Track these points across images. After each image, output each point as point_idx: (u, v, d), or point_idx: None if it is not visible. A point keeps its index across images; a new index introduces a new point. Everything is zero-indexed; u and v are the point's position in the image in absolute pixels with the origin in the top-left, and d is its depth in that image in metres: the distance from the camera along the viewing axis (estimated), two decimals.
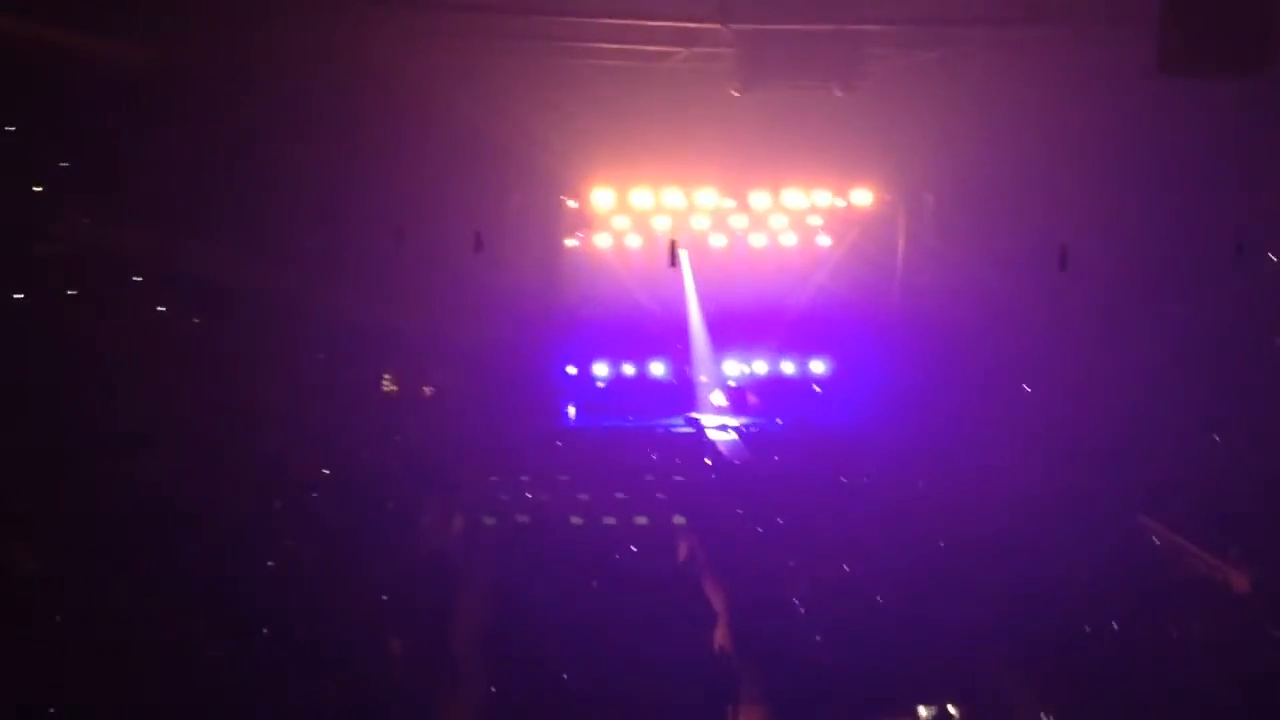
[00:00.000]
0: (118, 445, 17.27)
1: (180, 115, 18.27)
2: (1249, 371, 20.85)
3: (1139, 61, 13.04)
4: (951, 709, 13.59)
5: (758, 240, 27.45)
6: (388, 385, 25.08)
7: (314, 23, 16.72)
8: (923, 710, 13.59)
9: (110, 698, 12.18)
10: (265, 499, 18.10)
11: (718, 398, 28.20)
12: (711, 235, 27.13)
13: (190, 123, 18.45)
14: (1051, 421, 22.69)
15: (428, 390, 25.54)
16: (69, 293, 18.88)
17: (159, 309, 20.93)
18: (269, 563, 16.14)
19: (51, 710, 11.99)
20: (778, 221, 27.19)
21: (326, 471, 20.00)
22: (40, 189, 18.33)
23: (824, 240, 27.84)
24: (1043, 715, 13.34)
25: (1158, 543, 18.72)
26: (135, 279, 20.27)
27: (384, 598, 16.15)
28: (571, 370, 27.97)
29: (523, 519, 20.09)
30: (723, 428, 26.77)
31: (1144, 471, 20.18)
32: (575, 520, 20.09)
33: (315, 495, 19.02)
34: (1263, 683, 13.84)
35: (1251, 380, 20.62)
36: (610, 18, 17.45)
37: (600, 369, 28.35)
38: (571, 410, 27.41)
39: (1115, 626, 15.40)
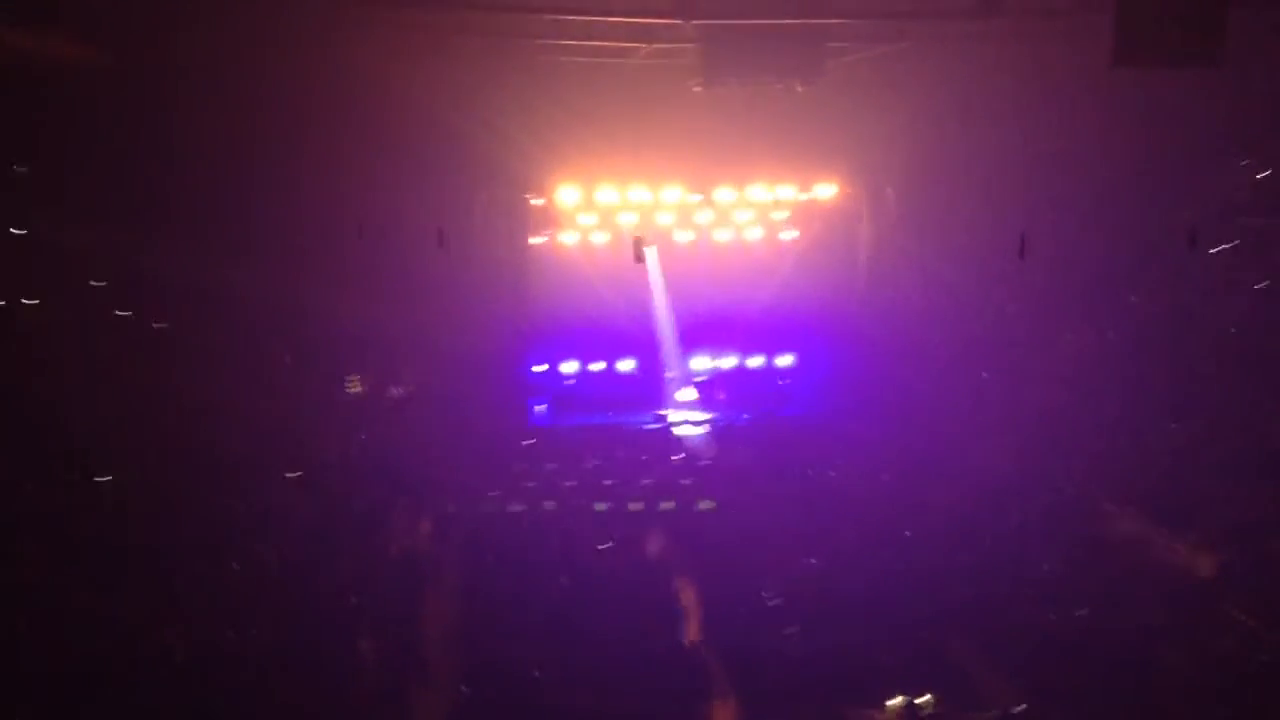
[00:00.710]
0: (78, 449, 17.06)
1: (135, 114, 18.04)
2: (1210, 358, 21.12)
3: (1099, 53, 13.15)
4: (922, 698, 13.70)
5: (723, 235, 27.52)
6: (353, 385, 24.91)
7: (271, 16, 16.54)
8: (894, 700, 13.70)
9: (73, 700, 12.07)
10: (231, 501, 17.96)
11: (685, 394, 28.25)
12: (677, 231, 27.15)
13: (145, 122, 18.22)
14: (1016, 410, 22.90)
15: (394, 390, 25.41)
16: (27, 298, 18.61)
17: (118, 312, 20.68)
18: (234, 565, 16.03)
19: (17, 713, 11.87)
20: (743, 216, 27.27)
21: (293, 474, 19.87)
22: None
23: (789, 234, 27.95)
24: (1011, 702, 13.47)
25: (1122, 529, 18.93)
26: (94, 282, 20.02)
27: (352, 599, 16.10)
28: (539, 368, 27.92)
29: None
30: (690, 423, 26.82)
31: (1108, 458, 20.41)
32: (549, 504, 20.09)
33: (281, 497, 18.89)
34: (1229, 666, 14.06)
35: (1213, 367, 20.89)
36: (572, 14, 17.39)
37: (568, 366, 28.32)
38: (540, 408, 27.36)
39: (1083, 613, 15.59)
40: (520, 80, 20.43)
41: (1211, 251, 20.81)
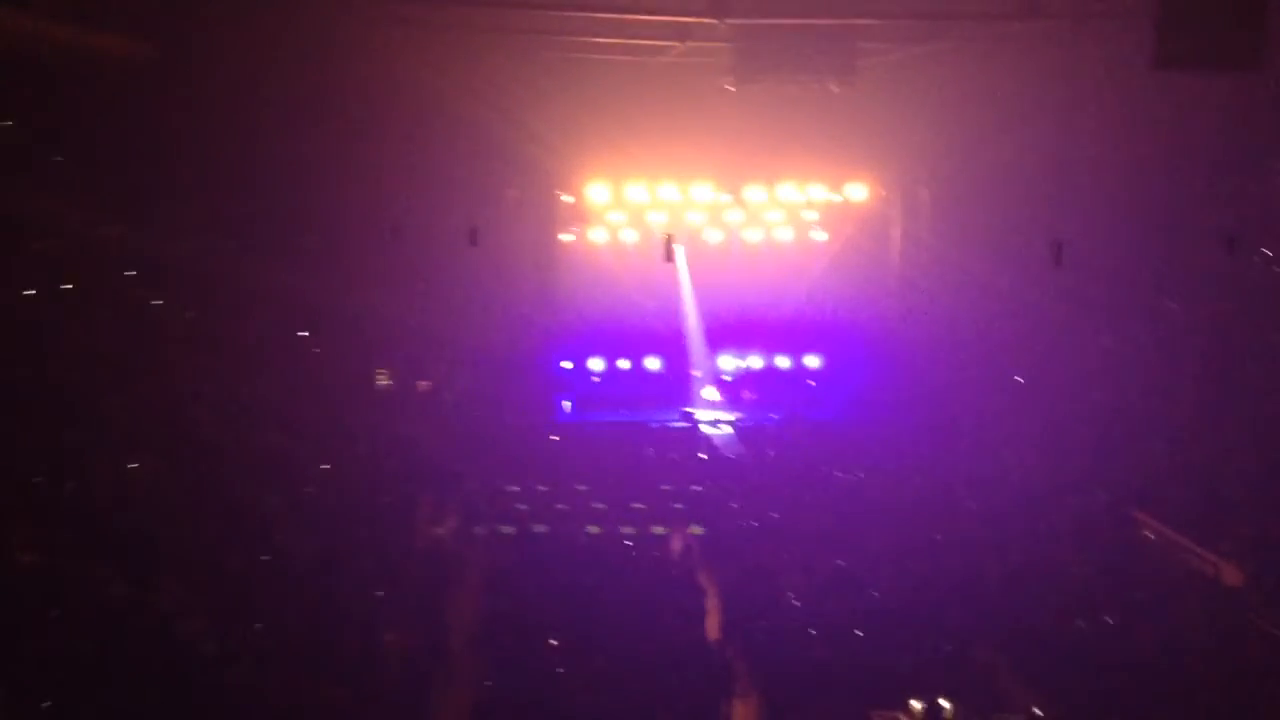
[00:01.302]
0: (112, 442, 17.24)
1: (173, 110, 18.21)
2: (1243, 366, 20.90)
3: (1135, 56, 13.07)
4: (944, 702, 13.64)
5: (753, 235, 27.47)
6: (383, 380, 25.06)
7: (309, 17, 16.68)
8: (915, 703, 13.65)
9: (106, 693, 12.19)
10: (261, 494, 18.10)
11: (712, 393, 28.23)
12: (707, 230, 27.14)
13: (184, 117, 18.39)
14: (1046, 416, 22.75)
15: (422, 385, 25.54)
16: (61, 288, 18.82)
17: (153, 304, 20.89)
18: (264, 558, 16.14)
19: (47, 705, 12.00)
20: (773, 216, 27.22)
21: (324, 467, 20.01)
22: (30, 183, 18.31)
23: (819, 235, 27.86)
24: (1034, 708, 13.39)
25: (1151, 537, 18.78)
26: (128, 274, 20.22)
27: (379, 593, 16.18)
28: (567, 365, 27.99)
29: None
30: (717, 423, 26.80)
31: (1138, 466, 20.25)
32: (560, 507, 20.09)
33: (310, 490, 19.02)
34: (1254, 675, 13.91)
35: (1246, 375, 20.68)
36: (606, 12, 17.43)
37: (595, 363, 28.38)
38: (566, 405, 27.42)
39: (1108, 620, 15.47)
40: (552, 78, 20.52)
41: (1252, 256, 20.61)
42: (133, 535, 15.23)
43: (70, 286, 18.92)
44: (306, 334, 23.00)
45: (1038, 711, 13.32)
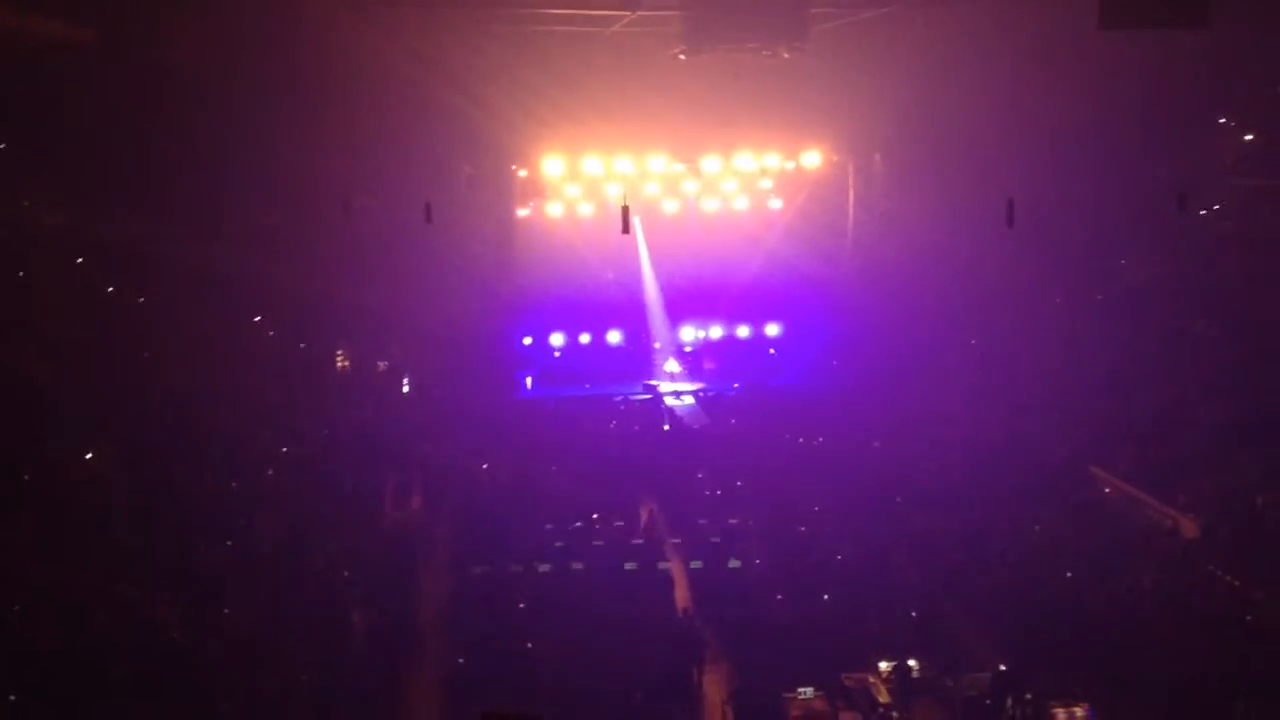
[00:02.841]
0: (67, 430, 17.00)
1: (120, 93, 17.87)
2: (1197, 322, 21.21)
3: (1084, 16, 13.12)
4: (912, 661, 13.81)
5: (710, 205, 27.45)
6: (341, 361, 24.87)
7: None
8: (884, 664, 13.81)
9: (74, 679, 12.09)
10: (222, 479, 17.94)
11: (673, 364, 28.28)
12: (664, 201, 27.08)
13: (131, 101, 18.06)
14: (1003, 376, 22.98)
15: (382, 365, 25.38)
16: (13, 275, 18.48)
17: (106, 290, 20.57)
18: (228, 542, 16.02)
19: (13, 697, 11.89)
20: (729, 185, 27.20)
21: (284, 449, 19.85)
22: None
23: (775, 203, 27.89)
24: (1000, 665, 13.58)
25: (1108, 492, 19.05)
26: (78, 260, 19.89)
27: (345, 574, 16.12)
28: (527, 340, 27.90)
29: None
30: (679, 394, 26.86)
31: (1095, 423, 20.50)
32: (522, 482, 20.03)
33: (271, 473, 18.88)
34: (1211, 623, 14.19)
35: (1200, 330, 21.00)
36: None
37: (556, 339, 28.31)
38: (529, 381, 27.36)
39: (1069, 575, 15.71)
40: (502, 50, 20.31)
41: (1201, 213, 20.86)
42: (93, 523, 15.06)
43: (20, 274, 18.58)
44: (260, 317, 22.72)
45: (1003, 667, 13.51)
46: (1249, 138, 21.29)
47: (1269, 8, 17.10)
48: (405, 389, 25.22)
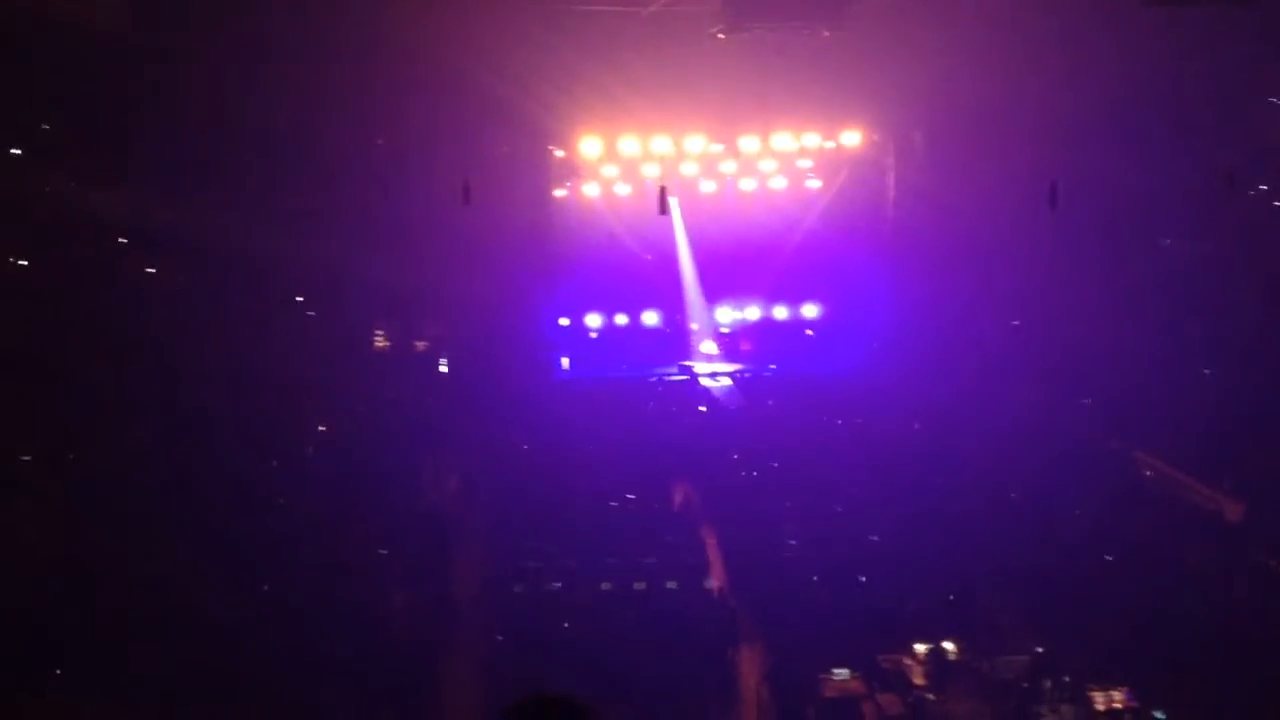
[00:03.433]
0: (111, 409, 17.24)
1: (157, 72, 18.00)
2: (1243, 303, 20.85)
3: None
4: (948, 644, 13.76)
5: (748, 185, 27.28)
6: (380, 340, 25.03)
7: None
8: (920, 646, 13.76)
9: (115, 657, 12.28)
10: (262, 458, 18.13)
11: (710, 345, 28.20)
12: (701, 181, 26.95)
13: (168, 80, 18.19)
14: (1045, 357, 22.73)
15: (420, 345, 25.51)
16: (52, 256, 18.72)
17: (147, 270, 20.80)
18: (267, 520, 16.19)
19: (59, 671, 12.10)
20: (767, 165, 27.01)
21: (322, 428, 20.02)
22: (18, 152, 18.15)
23: (814, 183, 27.68)
24: (1037, 648, 13.50)
25: (1152, 475, 18.84)
26: (120, 240, 20.11)
27: (383, 552, 16.25)
28: (564, 321, 27.91)
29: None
30: (715, 375, 26.80)
31: (1138, 404, 20.25)
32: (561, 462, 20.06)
33: (310, 453, 19.06)
34: (1256, 608, 14.02)
35: (1246, 312, 20.64)
36: None
37: (593, 319, 28.30)
38: (565, 361, 27.39)
39: (1109, 559, 15.57)
40: (540, 31, 20.25)
41: (1250, 193, 20.49)
42: (133, 503, 15.27)
43: (59, 255, 18.80)
44: (301, 298, 22.90)
45: (1040, 650, 13.43)
46: None
47: None
48: (443, 369, 25.33)
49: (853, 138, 25.97)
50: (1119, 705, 12.70)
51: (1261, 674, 12.46)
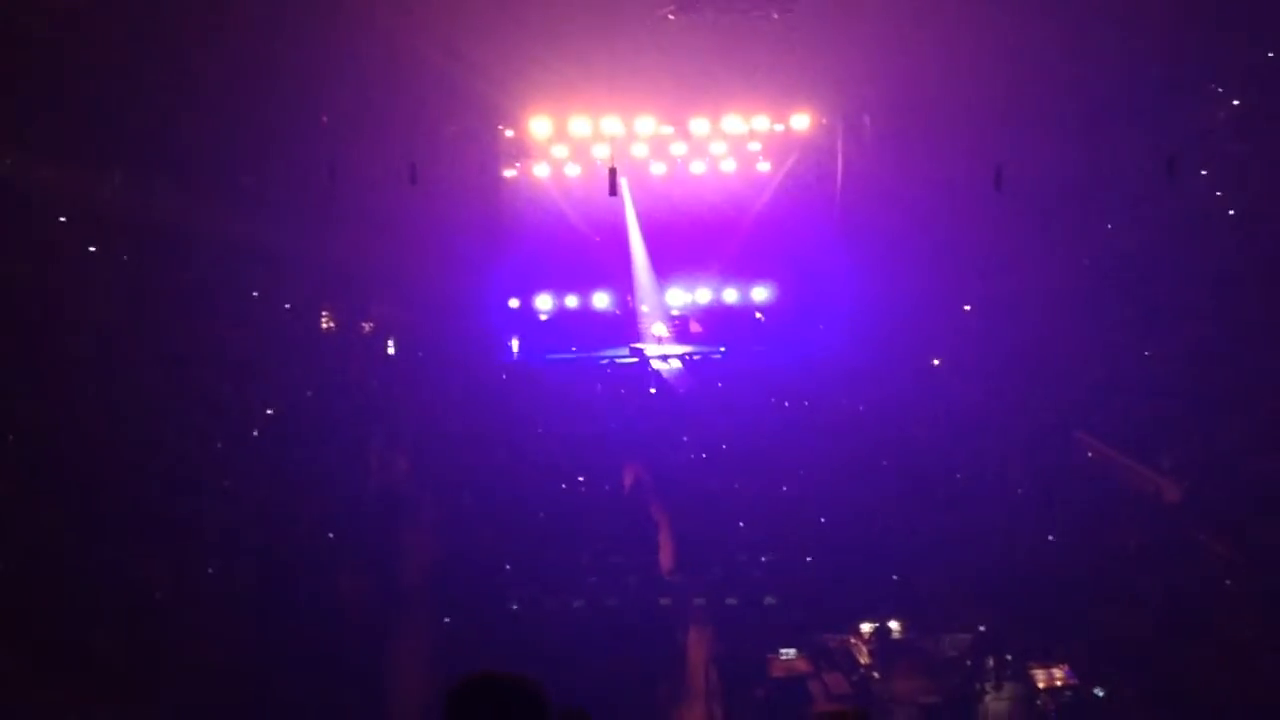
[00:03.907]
0: (51, 392, 16.94)
1: (102, 48, 17.63)
2: (1182, 287, 21.22)
3: None
4: (893, 623, 13.93)
5: (698, 167, 27.28)
6: (326, 321, 24.78)
7: None
8: (865, 625, 13.91)
9: (56, 639, 12.11)
10: (207, 440, 17.91)
11: (660, 328, 28.22)
12: (651, 163, 26.91)
13: (113, 55, 17.82)
14: (988, 340, 23.00)
15: (367, 326, 25.29)
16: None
17: (88, 249, 20.40)
18: (213, 504, 16.02)
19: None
20: (717, 148, 27.02)
21: (269, 411, 19.82)
22: None
23: (763, 166, 27.76)
24: (980, 626, 13.69)
25: (1092, 456, 19.15)
26: (61, 219, 19.71)
27: (330, 536, 16.15)
28: (514, 303, 27.78)
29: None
30: (666, 357, 26.84)
31: (1079, 387, 20.57)
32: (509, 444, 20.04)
33: (257, 435, 18.87)
34: (1192, 589, 14.32)
35: (1185, 296, 21.01)
36: None
37: (543, 302, 28.20)
38: (515, 343, 27.28)
39: (1050, 538, 15.82)
40: (491, 9, 20.06)
41: (1191, 179, 20.82)
42: (76, 485, 15.04)
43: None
44: (246, 280, 22.58)
45: (982, 629, 13.63)
46: (1236, 103, 21.24)
47: None
48: (390, 350, 25.15)
49: (802, 121, 26.03)
50: (1060, 683, 12.93)
51: (1199, 652, 12.75)
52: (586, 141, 25.59)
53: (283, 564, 14.91)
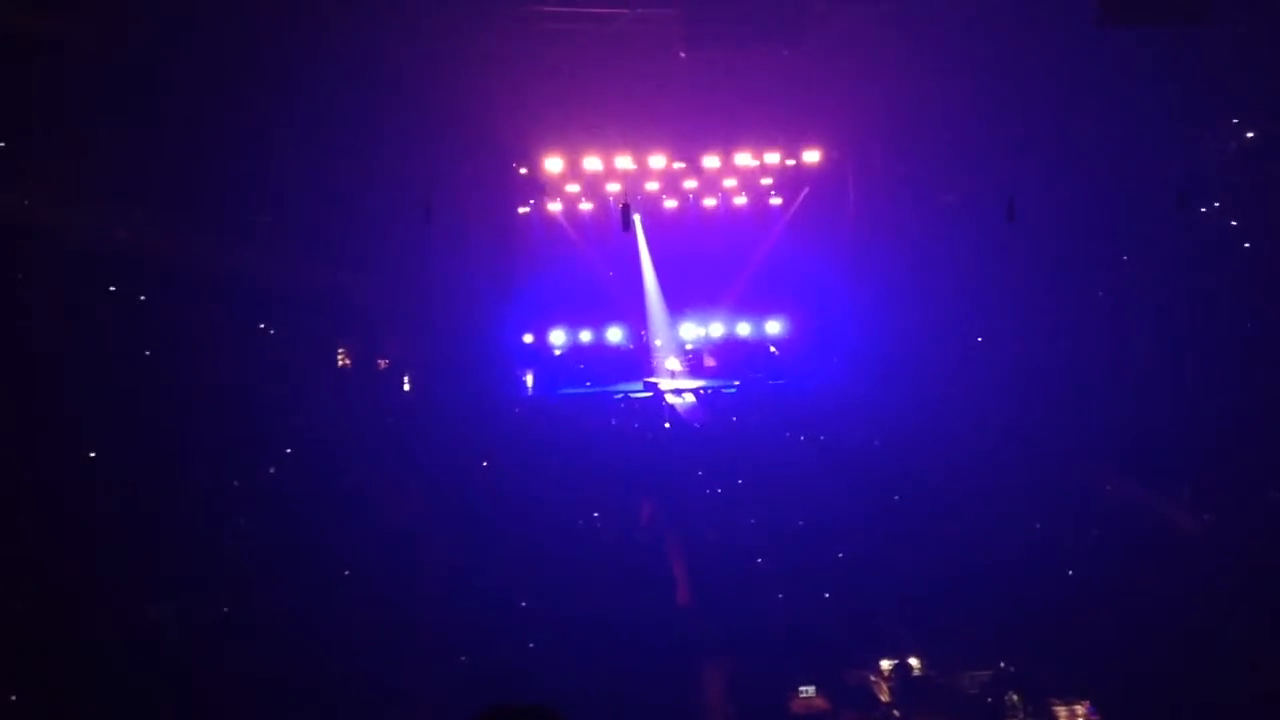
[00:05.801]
0: (69, 431, 17.00)
1: (115, 85, 17.81)
2: (1196, 319, 21.17)
3: (1081, 11, 13.13)
4: (913, 660, 13.83)
5: (710, 202, 27.45)
6: (342, 359, 24.87)
7: None
8: (885, 662, 13.82)
9: (74, 677, 12.11)
10: (224, 478, 17.96)
11: (674, 362, 28.28)
12: (664, 198, 27.09)
13: (126, 93, 18.01)
14: (1003, 373, 22.96)
15: (382, 363, 25.38)
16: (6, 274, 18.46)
17: (107, 289, 20.55)
18: (229, 541, 16.05)
19: (14, 697, 11.91)
20: (729, 183, 27.20)
21: (287, 450, 19.85)
22: None
23: (775, 200, 27.91)
24: (1001, 664, 13.59)
25: (1111, 490, 19.04)
26: (75, 256, 19.86)
27: (346, 572, 16.14)
28: (528, 338, 27.88)
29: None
30: (680, 391, 26.87)
31: (1097, 419, 20.48)
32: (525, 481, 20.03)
33: (273, 472, 18.90)
34: (1216, 622, 14.20)
35: (1199, 327, 20.96)
36: None
37: (557, 337, 28.30)
38: (529, 379, 27.35)
39: (1069, 573, 15.71)
40: (504, 48, 20.27)
41: (1202, 210, 20.84)
42: (94, 524, 15.08)
43: (20, 276, 18.55)
44: (263, 318, 22.69)
45: (1003, 664, 13.52)
46: (1250, 135, 21.27)
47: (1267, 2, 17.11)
48: (406, 387, 25.23)
49: (813, 155, 26.18)
50: (1082, 719, 12.82)
51: (1223, 687, 12.63)
52: (599, 178, 25.78)
53: (297, 599, 14.90)
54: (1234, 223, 21.25)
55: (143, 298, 20.84)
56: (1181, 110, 20.09)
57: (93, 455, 16.89)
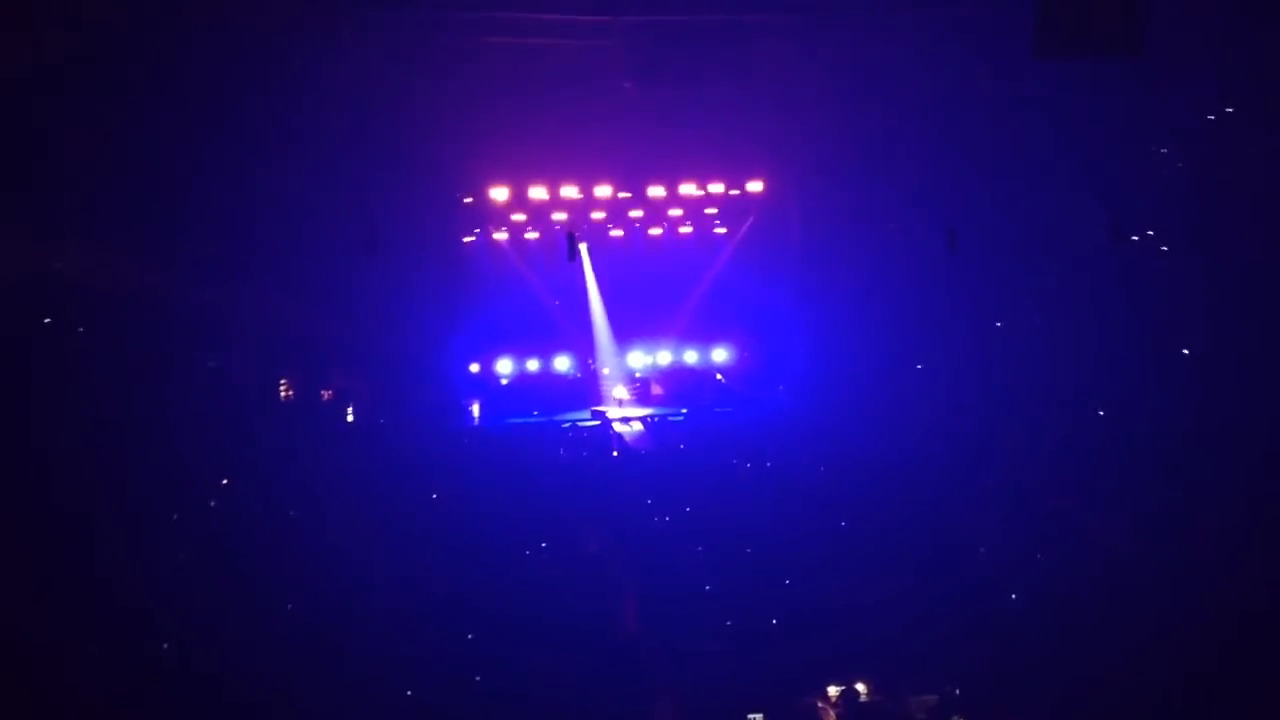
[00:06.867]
0: (15, 463, 16.63)
1: (41, 115, 17.54)
2: (1132, 346, 21.59)
3: (1016, 43, 13.39)
4: (860, 685, 13.84)
5: (655, 231, 27.61)
6: (284, 390, 24.58)
7: (200, 9, 16.28)
8: (832, 688, 13.82)
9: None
10: (163, 511, 17.64)
11: (622, 390, 28.28)
12: (610, 228, 27.19)
13: (69, 118, 17.77)
14: (948, 399, 23.24)
15: (325, 394, 25.12)
16: None
17: (42, 319, 20.18)
18: (166, 577, 15.74)
19: None
20: (675, 213, 27.39)
21: (225, 481, 19.56)
22: None
23: (720, 230, 28.13)
24: (947, 687, 13.64)
25: (1053, 514, 19.26)
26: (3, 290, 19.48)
27: (289, 606, 15.89)
28: (474, 368, 27.76)
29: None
30: (628, 420, 26.87)
31: (1038, 445, 20.76)
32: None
33: (214, 505, 18.61)
34: (1155, 650, 14.35)
35: (1135, 355, 21.37)
36: (500, 10, 17.34)
37: (503, 366, 28.20)
38: (475, 409, 27.21)
39: (1014, 597, 15.84)
40: (450, 81, 20.30)
41: (1135, 239, 21.27)
42: (26, 558, 14.74)
43: None
44: (202, 349, 22.39)
45: (948, 688, 13.58)
46: (1180, 165, 21.79)
47: (1200, 34, 17.56)
48: (349, 418, 25.00)
49: (757, 185, 26.47)
50: None
51: (1171, 713, 12.76)
52: (545, 207, 25.84)
53: (239, 634, 14.64)
54: (1164, 248, 21.73)
55: (80, 329, 20.51)
56: (1119, 139, 20.56)
57: (28, 488, 16.49)
